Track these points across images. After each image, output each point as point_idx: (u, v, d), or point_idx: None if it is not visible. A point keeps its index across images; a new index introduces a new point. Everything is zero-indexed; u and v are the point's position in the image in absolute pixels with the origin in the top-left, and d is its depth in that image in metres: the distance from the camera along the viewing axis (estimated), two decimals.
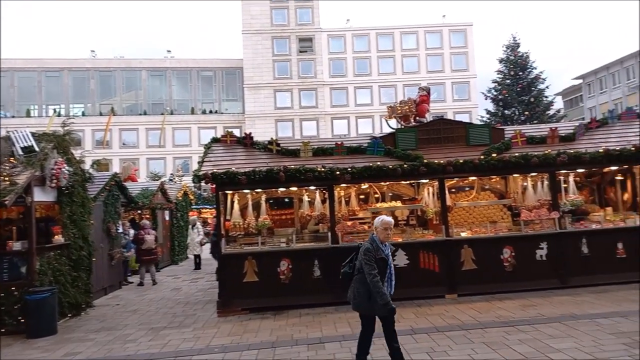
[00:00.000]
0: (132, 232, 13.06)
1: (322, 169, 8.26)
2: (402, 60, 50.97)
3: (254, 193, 9.36)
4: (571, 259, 8.50)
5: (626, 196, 9.83)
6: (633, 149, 8.44)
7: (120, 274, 12.09)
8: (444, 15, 52.74)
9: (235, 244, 8.85)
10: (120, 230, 12.09)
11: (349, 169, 8.28)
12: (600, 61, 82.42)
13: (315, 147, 9.06)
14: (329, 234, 8.52)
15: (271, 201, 10.00)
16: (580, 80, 57.71)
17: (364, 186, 10.00)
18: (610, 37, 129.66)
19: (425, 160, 8.43)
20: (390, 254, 4.88)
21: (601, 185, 10.34)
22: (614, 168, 9.32)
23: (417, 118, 10.06)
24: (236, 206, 9.24)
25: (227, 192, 9.06)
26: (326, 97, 49.74)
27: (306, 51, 49.74)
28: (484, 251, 8.54)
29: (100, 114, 47.18)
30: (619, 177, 9.85)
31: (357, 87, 50.32)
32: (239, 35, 49.66)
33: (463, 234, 8.80)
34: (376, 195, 10.22)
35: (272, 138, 9.54)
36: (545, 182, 9.20)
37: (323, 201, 9.34)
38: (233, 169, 8.27)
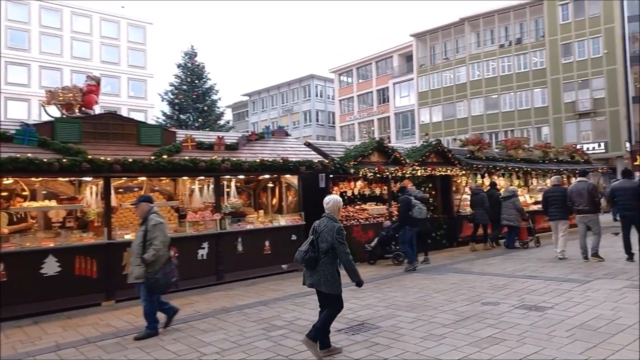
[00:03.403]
0: None
1: None
2: (71, 42, 45.75)
3: None
4: (228, 256, 9.31)
5: (274, 201, 11.53)
6: (281, 160, 9.93)
7: None
8: (123, 7, 50.30)
9: None
10: None
11: None
12: (263, 84, 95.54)
13: None
14: None
15: None
16: (247, 97, 65.26)
17: (8, 181, 8.30)
18: (272, 64, 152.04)
19: (89, 156, 7.64)
20: None
21: (256, 190, 11.79)
22: (267, 176, 10.77)
23: (83, 109, 9.06)
24: None
25: None
26: None
27: None
28: None
29: None
30: (270, 185, 11.46)
31: (9, 62, 42.02)
32: None
33: (127, 237, 8.41)
34: (25, 193, 8.64)
35: None
36: (211, 186, 9.81)
37: None
38: None
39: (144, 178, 9.32)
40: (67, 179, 8.64)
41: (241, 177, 10.48)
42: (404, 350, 4.87)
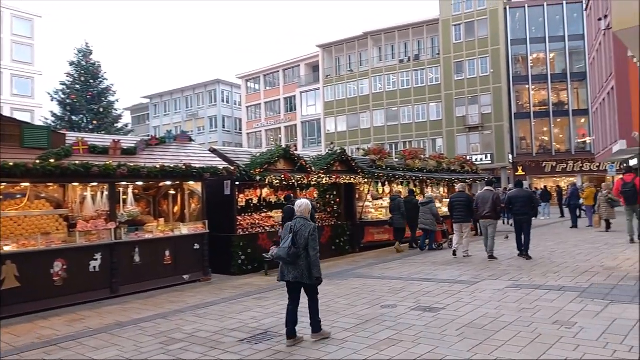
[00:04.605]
0: None
1: None
2: None
3: None
4: (124, 268, 8.76)
5: (176, 208, 11.07)
6: (184, 167, 9.58)
7: None
8: None
9: None
10: None
11: None
12: (165, 86, 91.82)
13: None
14: None
15: None
16: (148, 100, 62.20)
17: None
18: (175, 67, 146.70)
19: None
20: None
21: (157, 197, 11.23)
22: (168, 183, 10.32)
23: None
24: None
25: None
26: None
27: None
28: (32, 266, 7.65)
29: None
30: (172, 192, 10.99)
31: None
32: None
33: (7, 248, 7.60)
34: None
35: None
36: (105, 193, 9.17)
37: None
38: None
39: (27, 184, 8.47)
40: None
41: (139, 183, 9.94)
42: (306, 357, 4.91)
